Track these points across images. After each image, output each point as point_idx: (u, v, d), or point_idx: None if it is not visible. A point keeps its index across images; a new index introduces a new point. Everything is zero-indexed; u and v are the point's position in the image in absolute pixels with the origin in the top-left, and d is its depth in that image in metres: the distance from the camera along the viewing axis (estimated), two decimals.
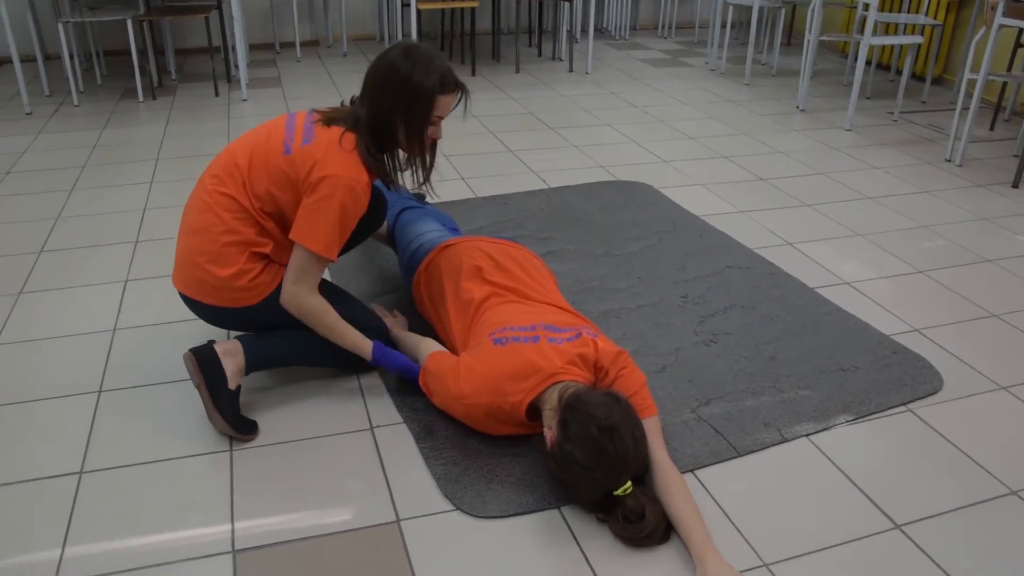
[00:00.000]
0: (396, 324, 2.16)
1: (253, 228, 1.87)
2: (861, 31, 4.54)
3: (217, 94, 4.60)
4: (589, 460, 1.53)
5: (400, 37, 5.34)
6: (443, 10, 5.81)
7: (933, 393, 2.04)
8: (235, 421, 1.83)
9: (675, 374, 2.09)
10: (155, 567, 1.50)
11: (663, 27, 6.67)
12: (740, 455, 1.80)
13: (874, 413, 1.96)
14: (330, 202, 1.79)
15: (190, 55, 5.57)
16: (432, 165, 1.95)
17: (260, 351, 1.93)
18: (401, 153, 1.94)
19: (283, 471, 1.75)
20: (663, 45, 6.25)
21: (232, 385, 1.84)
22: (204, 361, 1.83)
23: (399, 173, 1.96)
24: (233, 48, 4.44)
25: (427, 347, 1.96)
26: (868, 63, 5.07)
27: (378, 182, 2.03)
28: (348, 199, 1.80)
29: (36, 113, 4.22)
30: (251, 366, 1.90)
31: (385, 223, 2.46)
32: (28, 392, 1.99)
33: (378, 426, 1.89)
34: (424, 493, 1.69)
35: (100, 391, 2.00)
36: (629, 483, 1.55)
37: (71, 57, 4.59)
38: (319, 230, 1.80)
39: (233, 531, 1.58)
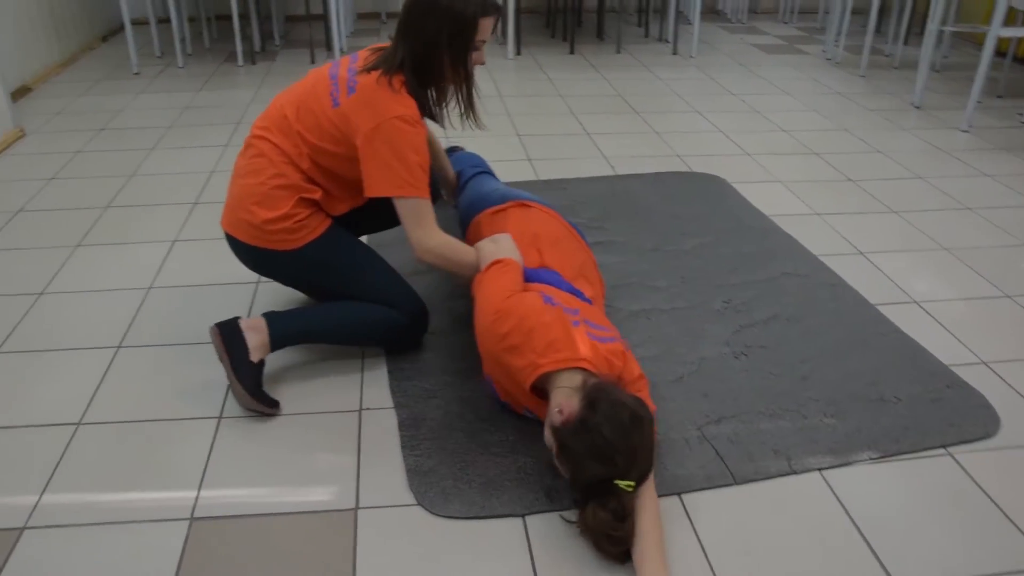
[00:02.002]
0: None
1: (302, 175, 1.88)
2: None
3: (313, 61, 4.70)
4: (614, 438, 1.44)
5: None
6: None
7: (984, 438, 1.79)
8: (255, 391, 1.81)
9: (691, 386, 1.93)
10: (112, 524, 1.53)
11: (784, 11, 6.26)
12: (737, 483, 1.64)
13: (906, 453, 1.74)
14: (391, 145, 1.78)
15: (299, 22, 5.71)
16: (474, 94, 1.93)
17: (285, 328, 1.91)
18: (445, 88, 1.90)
19: (262, 444, 1.74)
20: (781, 31, 5.87)
21: (254, 358, 1.84)
22: (227, 334, 1.83)
23: (445, 109, 1.94)
24: (331, 16, 4.52)
25: (499, 250, 1.87)
26: (1002, 56, 4.56)
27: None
28: (406, 136, 1.78)
29: (143, 74, 4.45)
30: (276, 343, 1.89)
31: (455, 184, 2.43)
32: (53, 341, 2.09)
33: (367, 409, 1.86)
34: (391, 483, 1.64)
35: (119, 347, 2.07)
36: (633, 483, 1.45)
37: (179, 21, 4.80)
38: (394, 175, 1.80)
39: (197, 498, 1.59)
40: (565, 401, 1.53)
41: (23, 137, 3.46)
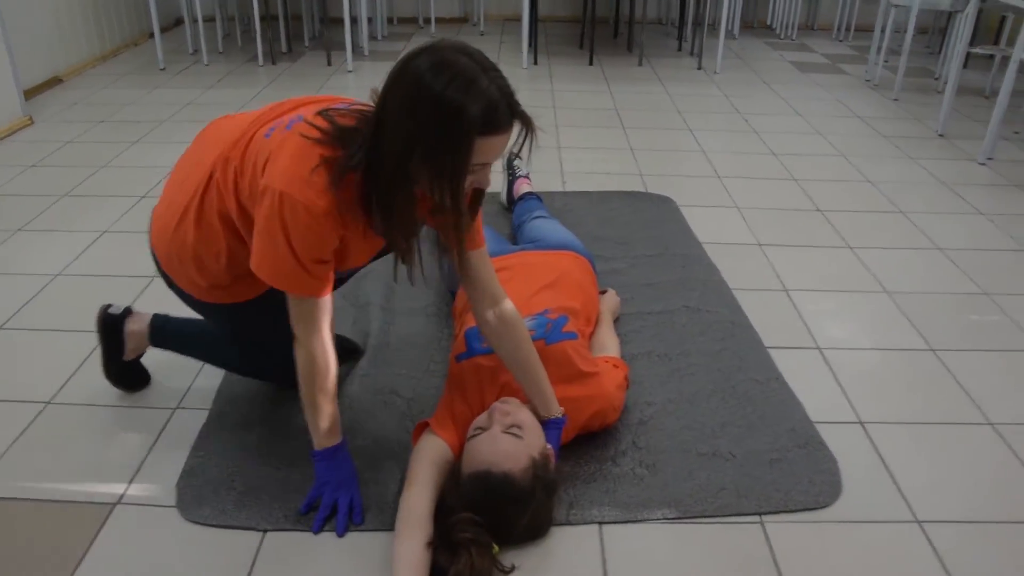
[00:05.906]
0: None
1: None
2: None
3: (329, 63, 4.80)
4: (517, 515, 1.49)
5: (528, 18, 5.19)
6: None
7: (812, 508, 1.61)
8: (117, 381, 1.88)
9: None
10: None
11: (839, 28, 5.89)
12: None
13: (710, 516, 1.58)
14: (272, 224, 1.35)
15: (334, 24, 5.83)
16: (467, 225, 1.42)
17: (166, 343, 1.90)
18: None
19: (71, 432, 1.78)
20: (831, 48, 5.53)
21: (128, 357, 1.88)
22: (107, 327, 1.85)
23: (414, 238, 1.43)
24: (353, 20, 4.58)
25: None
26: None
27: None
28: (296, 225, 1.33)
29: (169, 70, 4.66)
30: (155, 345, 1.90)
31: None
32: None
33: (182, 407, 1.86)
34: (164, 482, 1.64)
35: (0, 328, 2.17)
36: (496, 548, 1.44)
37: (205, 20, 4.98)
38: (268, 258, 1.38)
39: None
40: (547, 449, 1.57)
41: (30, 125, 3.69)
